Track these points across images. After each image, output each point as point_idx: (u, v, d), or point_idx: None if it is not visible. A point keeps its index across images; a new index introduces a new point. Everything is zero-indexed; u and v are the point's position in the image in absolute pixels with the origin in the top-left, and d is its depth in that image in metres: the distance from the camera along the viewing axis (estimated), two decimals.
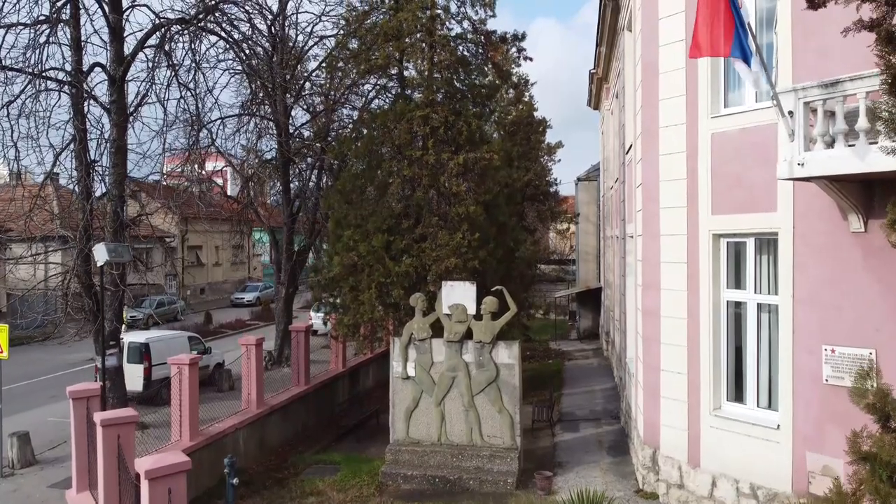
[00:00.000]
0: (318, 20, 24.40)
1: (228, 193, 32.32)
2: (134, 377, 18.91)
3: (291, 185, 24.76)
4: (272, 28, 23.31)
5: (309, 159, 25.31)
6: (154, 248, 41.13)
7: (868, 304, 9.11)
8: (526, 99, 33.11)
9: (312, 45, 24.48)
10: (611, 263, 25.49)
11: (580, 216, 36.09)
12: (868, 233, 9.02)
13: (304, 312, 36.44)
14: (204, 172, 24.95)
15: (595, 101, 33.39)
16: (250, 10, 18.14)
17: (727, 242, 11.17)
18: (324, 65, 22.67)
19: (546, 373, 25.38)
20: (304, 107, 26.27)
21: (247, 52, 18.59)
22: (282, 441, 16.30)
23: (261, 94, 22.69)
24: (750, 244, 10.82)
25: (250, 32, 20.09)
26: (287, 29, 23.74)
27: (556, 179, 31.87)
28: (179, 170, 21.59)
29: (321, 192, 23.59)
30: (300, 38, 24.87)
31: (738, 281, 11.12)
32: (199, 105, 17.06)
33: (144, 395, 18.95)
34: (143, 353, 19.22)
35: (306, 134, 26.41)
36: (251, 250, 59.50)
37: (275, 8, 23.88)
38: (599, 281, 33.18)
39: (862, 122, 7.92)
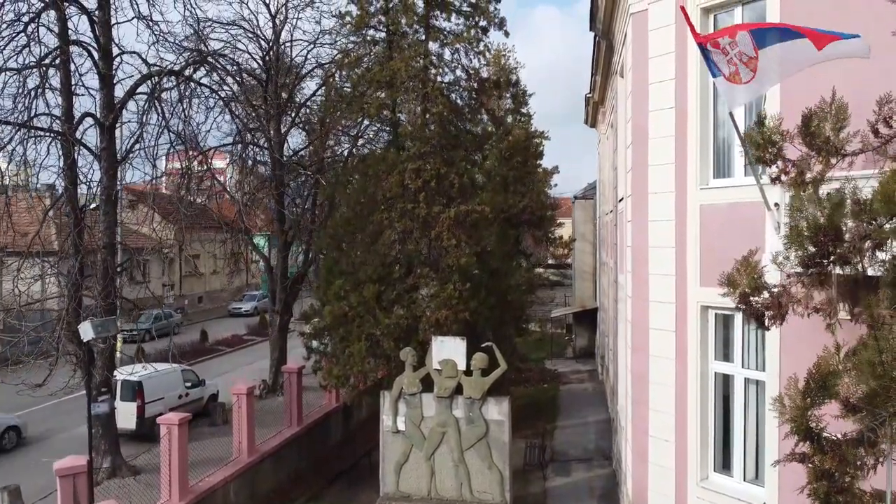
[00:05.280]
0: (312, 46, 24.30)
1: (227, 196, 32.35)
2: (127, 415, 18.92)
3: (287, 212, 24.71)
4: (266, 57, 23.23)
5: (304, 177, 25.24)
6: (150, 259, 41.10)
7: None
8: (524, 111, 32.88)
9: (307, 73, 24.40)
10: (606, 289, 25.46)
11: (577, 233, 36.02)
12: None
13: (302, 325, 36.42)
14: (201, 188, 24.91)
15: (592, 121, 33.28)
16: (240, 62, 18.06)
17: (715, 314, 11.14)
18: (320, 93, 22.60)
19: (541, 400, 25.36)
20: (300, 124, 26.18)
21: (238, 95, 18.51)
22: (274, 487, 16.33)
23: (252, 125, 22.62)
24: (738, 318, 10.78)
25: (245, 66, 20.00)
26: (281, 58, 23.63)
27: (552, 202, 31.85)
28: (176, 164, 21.34)
29: (315, 221, 23.53)
30: (297, 59, 24.86)
31: (726, 353, 11.09)
32: (190, 148, 16.97)
33: (137, 433, 18.95)
34: (136, 391, 19.21)
35: (301, 152, 26.36)
36: (248, 257, 59.26)
37: (269, 33, 23.86)
38: (595, 300, 33.14)
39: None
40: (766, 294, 4.55)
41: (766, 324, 4.73)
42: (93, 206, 15.59)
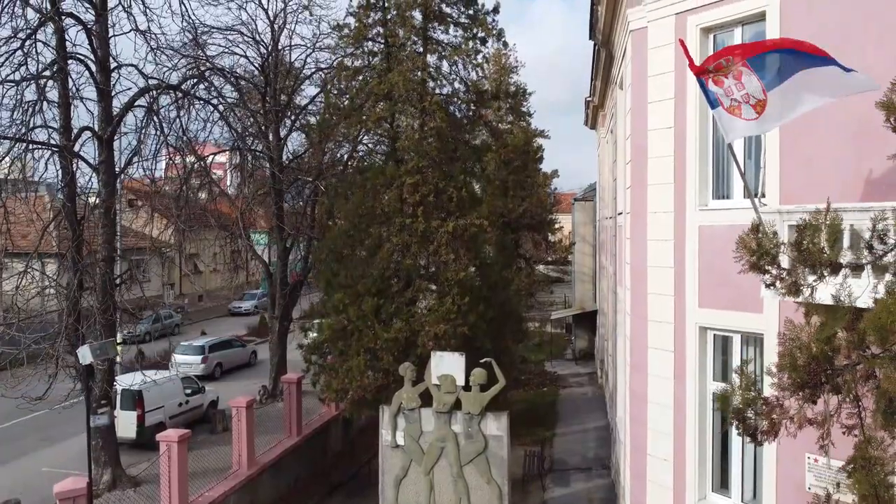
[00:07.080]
0: (311, 51, 24.23)
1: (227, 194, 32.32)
2: (127, 424, 18.95)
3: (287, 219, 24.68)
4: (265, 62, 23.17)
5: (303, 178, 25.18)
6: (150, 259, 41.02)
7: (852, 419, 9.09)
8: (524, 109, 32.77)
9: (307, 77, 24.37)
10: (605, 293, 25.44)
11: (577, 235, 35.99)
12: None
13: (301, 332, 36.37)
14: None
15: (592, 123, 33.17)
16: (239, 67, 18.01)
17: (714, 335, 11.14)
18: (319, 98, 22.51)
19: (541, 405, 25.37)
20: (300, 128, 26.12)
21: (237, 102, 18.49)
22: (274, 498, 16.39)
23: (251, 130, 22.59)
24: (736, 339, 10.79)
25: (244, 72, 19.92)
26: (280, 63, 23.57)
27: (553, 199, 31.79)
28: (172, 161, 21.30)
29: (314, 227, 23.51)
30: (296, 64, 24.80)
31: (724, 374, 11.09)
32: (189, 154, 16.96)
33: (138, 442, 18.99)
34: (136, 400, 19.23)
35: (301, 155, 26.31)
36: (248, 257, 59.21)
37: (267, 38, 23.76)
38: (595, 302, 33.14)
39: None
40: (760, 404, 4.56)
41: (759, 439, 4.74)
42: (93, 200, 15.50)
